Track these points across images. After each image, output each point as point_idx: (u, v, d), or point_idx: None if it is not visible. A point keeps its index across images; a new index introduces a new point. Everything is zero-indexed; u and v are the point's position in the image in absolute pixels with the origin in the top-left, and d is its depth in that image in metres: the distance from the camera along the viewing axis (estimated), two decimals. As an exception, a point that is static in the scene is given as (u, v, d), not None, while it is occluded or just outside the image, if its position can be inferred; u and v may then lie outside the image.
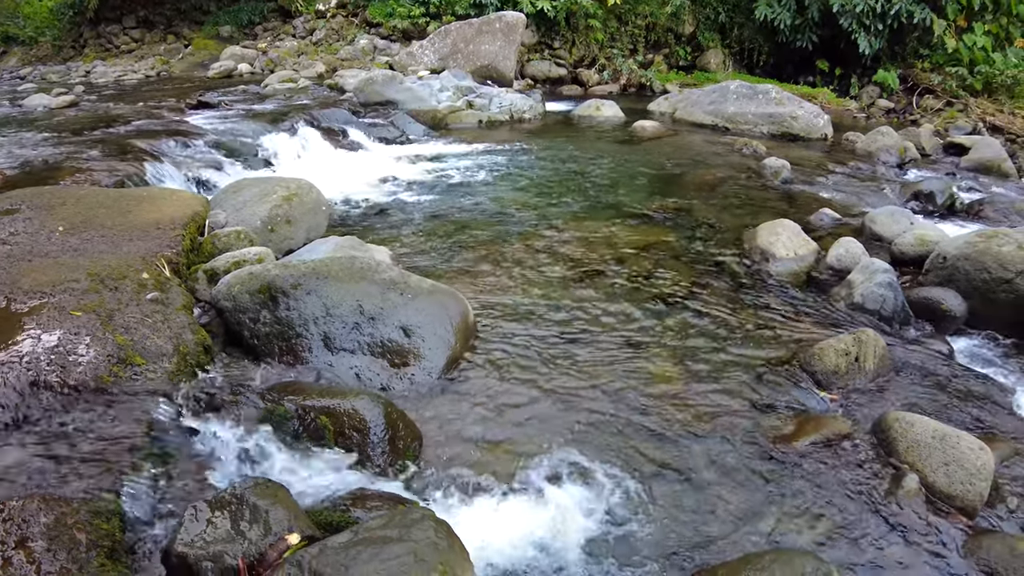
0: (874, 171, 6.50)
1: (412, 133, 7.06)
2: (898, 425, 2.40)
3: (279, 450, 1.84)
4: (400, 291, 2.75)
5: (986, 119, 8.49)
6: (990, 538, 2.06)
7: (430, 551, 1.20)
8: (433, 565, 1.16)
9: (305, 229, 3.87)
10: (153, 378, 2.08)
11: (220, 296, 2.71)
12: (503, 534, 1.87)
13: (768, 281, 3.74)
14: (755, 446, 2.37)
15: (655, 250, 4.06)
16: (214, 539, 1.38)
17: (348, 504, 1.66)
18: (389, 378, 2.53)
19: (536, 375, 2.70)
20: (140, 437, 1.81)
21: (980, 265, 3.43)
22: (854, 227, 4.66)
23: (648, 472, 2.21)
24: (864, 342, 2.85)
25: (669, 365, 2.84)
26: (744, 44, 11.56)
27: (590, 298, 3.39)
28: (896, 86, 9.95)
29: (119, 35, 14.47)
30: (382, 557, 1.19)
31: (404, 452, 2.06)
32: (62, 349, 2.11)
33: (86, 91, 9.33)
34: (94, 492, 1.57)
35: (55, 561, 1.34)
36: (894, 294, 3.41)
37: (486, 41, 9.63)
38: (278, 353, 2.56)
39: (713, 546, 1.94)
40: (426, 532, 1.26)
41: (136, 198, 3.59)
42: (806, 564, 1.70)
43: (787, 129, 7.88)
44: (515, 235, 4.21)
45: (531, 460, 2.20)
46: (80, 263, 2.74)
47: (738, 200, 5.21)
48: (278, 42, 12.43)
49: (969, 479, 2.20)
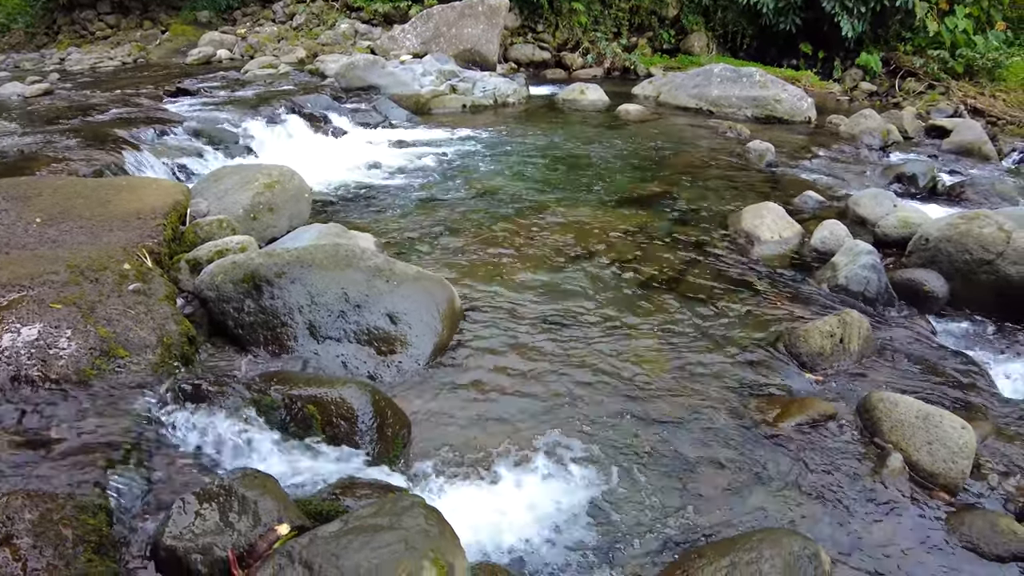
0: (857, 154, 6.53)
1: (395, 118, 6.99)
2: (882, 405, 2.43)
3: (266, 440, 1.82)
4: (386, 278, 2.73)
5: (967, 102, 8.55)
6: (972, 514, 2.09)
7: (421, 538, 1.19)
8: (424, 552, 1.16)
9: (288, 217, 3.82)
10: (137, 370, 2.05)
11: (203, 286, 2.68)
12: (493, 519, 1.87)
13: (753, 264, 3.76)
14: (742, 428, 2.39)
15: (640, 234, 4.07)
16: (203, 531, 1.37)
17: (338, 493, 1.65)
18: (376, 366, 2.51)
19: (523, 360, 2.70)
20: (125, 430, 1.79)
21: (962, 247, 3.46)
22: (838, 209, 4.69)
23: (635, 455, 2.22)
24: (849, 324, 2.87)
25: (655, 348, 2.85)
26: (728, 27, 11.54)
27: (576, 282, 3.39)
28: (879, 69, 9.98)
29: (94, 21, 14.16)
30: (373, 545, 1.18)
31: (393, 440, 2.05)
32: (42, 343, 2.07)
33: (61, 79, 9.13)
34: (80, 487, 1.55)
35: (41, 558, 1.32)
36: (877, 276, 3.44)
37: (469, 25, 9.54)
38: (263, 342, 2.53)
39: (701, 527, 1.96)
40: (416, 519, 1.25)
41: (115, 187, 3.53)
42: (793, 543, 1.72)
43: (771, 112, 7.89)
44: (501, 220, 4.19)
45: (519, 445, 2.21)
46: (59, 255, 2.69)
47: (723, 183, 5.22)
48: (257, 27, 12.23)
49: (952, 457, 2.24)
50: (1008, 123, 8.10)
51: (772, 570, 1.63)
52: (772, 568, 1.63)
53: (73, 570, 1.31)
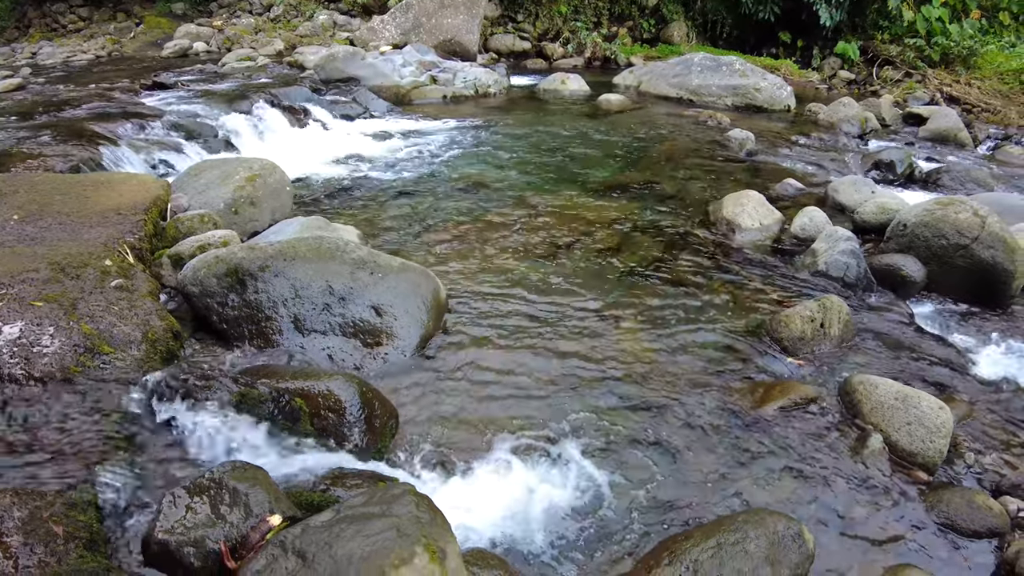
0: (836, 141, 6.61)
1: (375, 110, 6.94)
2: (862, 388, 2.48)
3: (254, 433, 1.82)
4: (370, 270, 2.72)
5: (943, 90, 8.67)
6: (949, 492, 2.15)
7: (413, 525, 1.21)
8: (416, 539, 1.17)
9: (270, 210, 3.80)
10: (122, 366, 2.04)
11: (186, 281, 2.66)
12: (481, 506, 1.89)
13: (734, 251, 3.80)
14: (725, 412, 2.43)
15: (623, 223, 4.09)
16: (194, 524, 1.37)
17: (328, 484, 1.66)
18: (362, 358, 2.52)
19: (508, 350, 2.72)
20: (112, 426, 1.78)
21: (938, 232, 3.52)
22: (817, 196, 4.75)
23: (620, 441, 2.25)
24: (829, 308, 2.92)
25: (639, 336, 2.88)
26: (707, 16, 11.57)
27: (559, 272, 3.41)
28: (857, 57, 10.07)
29: (65, 14, 13.89)
30: (365, 533, 1.19)
31: (381, 431, 2.06)
32: (25, 341, 2.05)
33: (33, 73, 8.96)
34: (68, 484, 1.54)
35: (32, 555, 1.32)
36: (857, 261, 3.49)
37: (448, 15, 9.49)
38: (248, 337, 2.52)
39: (687, 510, 1.99)
40: (408, 507, 1.27)
41: (94, 183, 3.49)
42: (777, 523, 1.76)
43: (751, 101, 7.95)
44: (483, 211, 4.20)
45: (506, 434, 2.23)
46: (39, 252, 2.66)
47: (704, 172, 5.26)
48: (234, 19, 12.07)
49: (929, 437, 2.29)
50: (983, 111, 8.23)
51: (757, 550, 1.67)
52: (757, 548, 1.67)
53: (65, 566, 1.31)
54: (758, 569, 1.64)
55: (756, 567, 1.64)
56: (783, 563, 1.70)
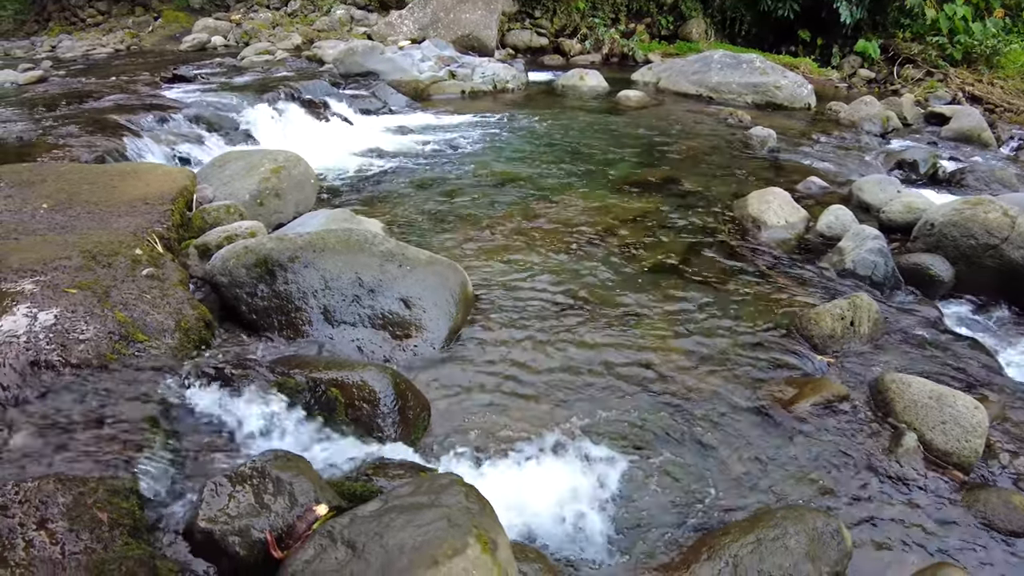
0: (858, 140, 6.55)
1: (394, 104, 6.95)
2: (895, 386, 2.45)
3: (292, 423, 1.82)
4: (398, 263, 2.72)
5: (965, 89, 8.56)
6: (986, 492, 2.12)
7: (463, 515, 1.20)
8: (468, 529, 1.16)
9: (294, 203, 3.81)
10: (157, 354, 2.04)
11: (215, 271, 2.66)
12: (516, 499, 1.88)
13: (760, 248, 3.77)
14: (757, 410, 2.41)
15: (647, 219, 4.07)
16: (238, 513, 1.36)
17: (369, 473, 1.65)
18: (392, 350, 2.51)
19: (537, 344, 2.71)
20: (149, 413, 1.78)
21: (967, 231, 3.48)
22: (841, 195, 4.71)
23: (652, 436, 2.23)
24: (859, 306, 2.89)
25: (666, 332, 2.86)
26: (726, 13, 11.50)
27: (584, 267, 3.39)
28: (877, 56, 9.98)
29: (84, 7, 13.99)
30: (416, 523, 1.19)
31: (414, 422, 2.05)
32: (60, 327, 2.06)
33: (54, 66, 9.03)
34: (109, 470, 1.54)
35: (79, 541, 1.32)
36: (884, 260, 3.46)
37: (467, 10, 9.47)
38: (277, 327, 2.53)
39: (722, 506, 1.98)
40: (457, 497, 1.26)
41: (121, 173, 3.50)
42: (816, 519, 1.74)
43: (771, 99, 7.89)
44: (506, 206, 4.19)
45: (538, 428, 2.22)
46: (69, 240, 2.67)
47: (726, 169, 5.22)
48: (252, 13, 12.11)
49: (965, 436, 2.26)
50: (1006, 110, 8.12)
51: (798, 545, 1.65)
52: (798, 544, 1.66)
53: (111, 553, 1.31)
54: (799, 565, 1.63)
55: (797, 563, 1.63)
56: (822, 560, 1.68)
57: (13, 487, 1.45)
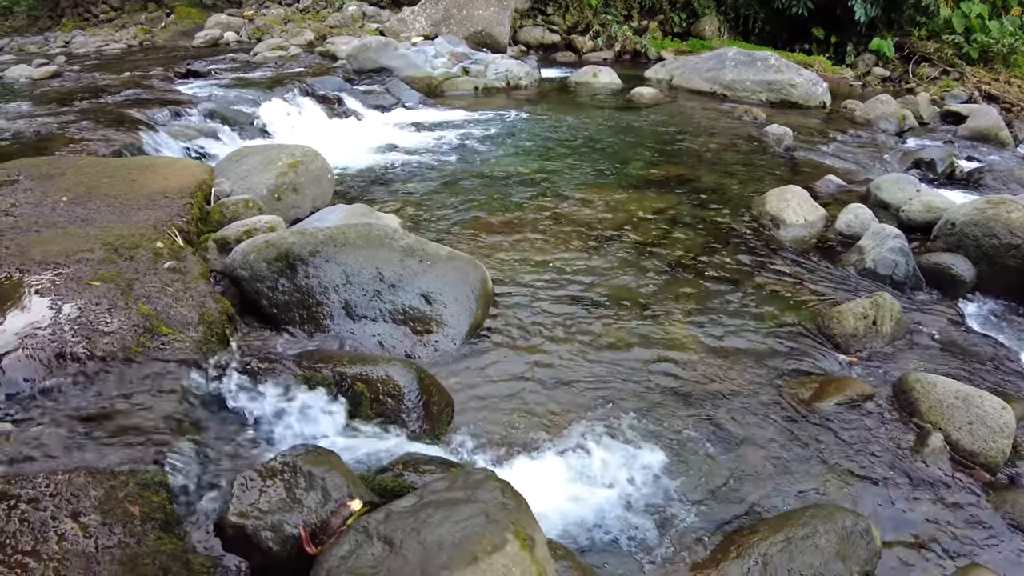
0: (874, 139, 6.50)
1: (408, 100, 6.94)
2: (920, 386, 2.43)
3: (318, 417, 1.82)
4: (419, 258, 2.71)
5: (982, 88, 8.49)
6: (1014, 493, 2.11)
7: (500, 511, 1.19)
8: (505, 525, 1.15)
9: (311, 198, 3.80)
10: (181, 347, 2.04)
11: (236, 265, 2.66)
12: (541, 496, 1.87)
13: (779, 246, 3.75)
14: (780, 408, 2.39)
15: (664, 216, 4.05)
16: (270, 508, 1.35)
17: (399, 469, 1.64)
18: (413, 345, 2.51)
19: (557, 340, 2.70)
20: (175, 407, 1.78)
21: (989, 231, 3.45)
22: (859, 194, 4.67)
23: (676, 433, 2.22)
24: (881, 306, 2.87)
25: (687, 329, 2.85)
26: (739, 11, 11.44)
27: (602, 264, 3.38)
28: (892, 54, 9.90)
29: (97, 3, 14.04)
30: (454, 519, 1.17)
31: (438, 417, 2.05)
32: (85, 320, 2.06)
33: (68, 61, 9.07)
34: (138, 464, 1.53)
35: (112, 535, 1.31)
36: (906, 259, 3.43)
37: (479, 6, 9.46)
38: (299, 321, 2.52)
39: (748, 503, 1.96)
40: (493, 492, 1.25)
41: (139, 167, 3.51)
42: (845, 518, 1.73)
43: (785, 97, 7.84)
44: (522, 202, 4.17)
45: (560, 425, 2.21)
46: (90, 233, 2.67)
47: (742, 166, 5.19)
48: (264, 9, 12.13)
49: (992, 437, 2.24)
50: (1023, 109, 8.05)
51: (828, 544, 1.64)
52: (828, 542, 1.64)
53: (144, 547, 1.30)
54: (829, 564, 1.61)
55: (827, 562, 1.61)
56: (852, 559, 1.67)
57: (44, 479, 1.45)
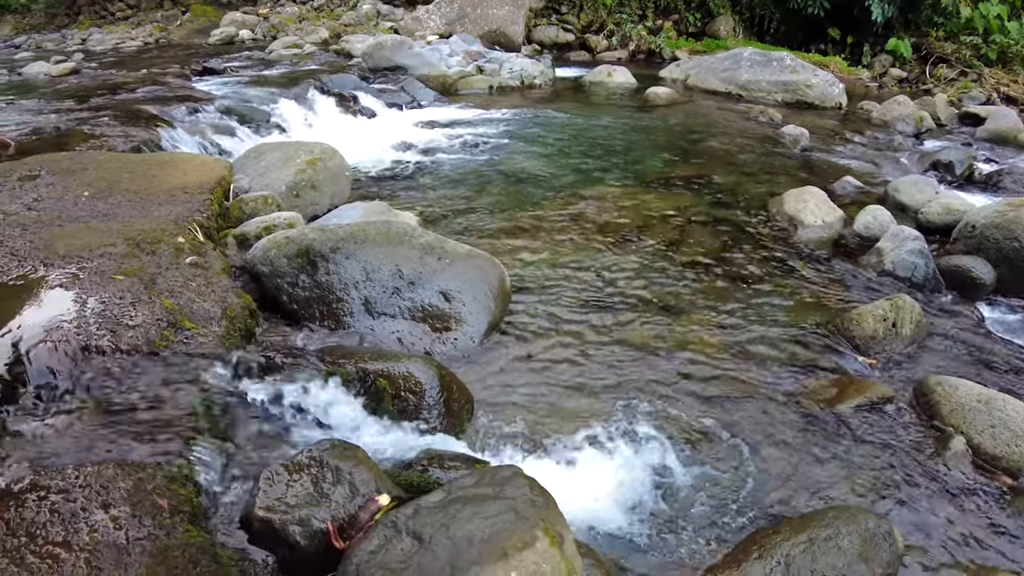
0: (891, 140, 6.45)
1: (423, 99, 6.95)
2: (941, 389, 2.41)
3: (341, 412, 1.83)
4: (437, 256, 2.72)
5: (1000, 89, 8.42)
6: (1038, 498, 2.08)
7: (530, 508, 1.19)
8: (535, 522, 1.15)
9: (329, 195, 3.82)
10: (204, 342, 2.06)
11: (256, 260, 2.68)
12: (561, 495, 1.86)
13: (797, 247, 3.73)
14: (801, 408, 2.38)
15: (681, 215, 4.04)
16: (297, 503, 1.36)
17: (424, 464, 1.65)
18: (432, 342, 2.51)
19: (576, 339, 2.70)
20: (200, 401, 1.79)
21: (1010, 234, 3.42)
22: (876, 195, 4.64)
23: (697, 435, 2.22)
24: (901, 308, 2.85)
25: (706, 329, 2.84)
26: (755, 11, 11.38)
27: (620, 263, 3.37)
28: (909, 55, 9.82)
29: (114, 1, 14.16)
30: (483, 515, 1.18)
31: (459, 414, 2.05)
32: (110, 313, 2.07)
33: (85, 58, 9.15)
34: (165, 457, 1.55)
35: (142, 527, 1.32)
36: (925, 262, 3.41)
37: (494, 5, 9.46)
38: (319, 317, 2.54)
39: (769, 504, 1.96)
40: (522, 489, 1.25)
41: (159, 163, 3.54)
42: (868, 520, 1.72)
43: (801, 97, 7.80)
44: (539, 201, 4.17)
45: (580, 422, 2.21)
46: (113, 227, 2.70)
47: (759, 167, 5.17)
48: (279, 7, 12.19)
49: (1015, 441, 2.22)
50: (1042, 111, 7.96)
51: (851, 546, 1.63)
52: (851, 544, 1.63)
53: (173, 540, 1.31)
54: (852, 565, 1.61)
55: (850, 563, 1.61)
56: (875, 561, 1.66)
57: (74, 471, 1.47)
